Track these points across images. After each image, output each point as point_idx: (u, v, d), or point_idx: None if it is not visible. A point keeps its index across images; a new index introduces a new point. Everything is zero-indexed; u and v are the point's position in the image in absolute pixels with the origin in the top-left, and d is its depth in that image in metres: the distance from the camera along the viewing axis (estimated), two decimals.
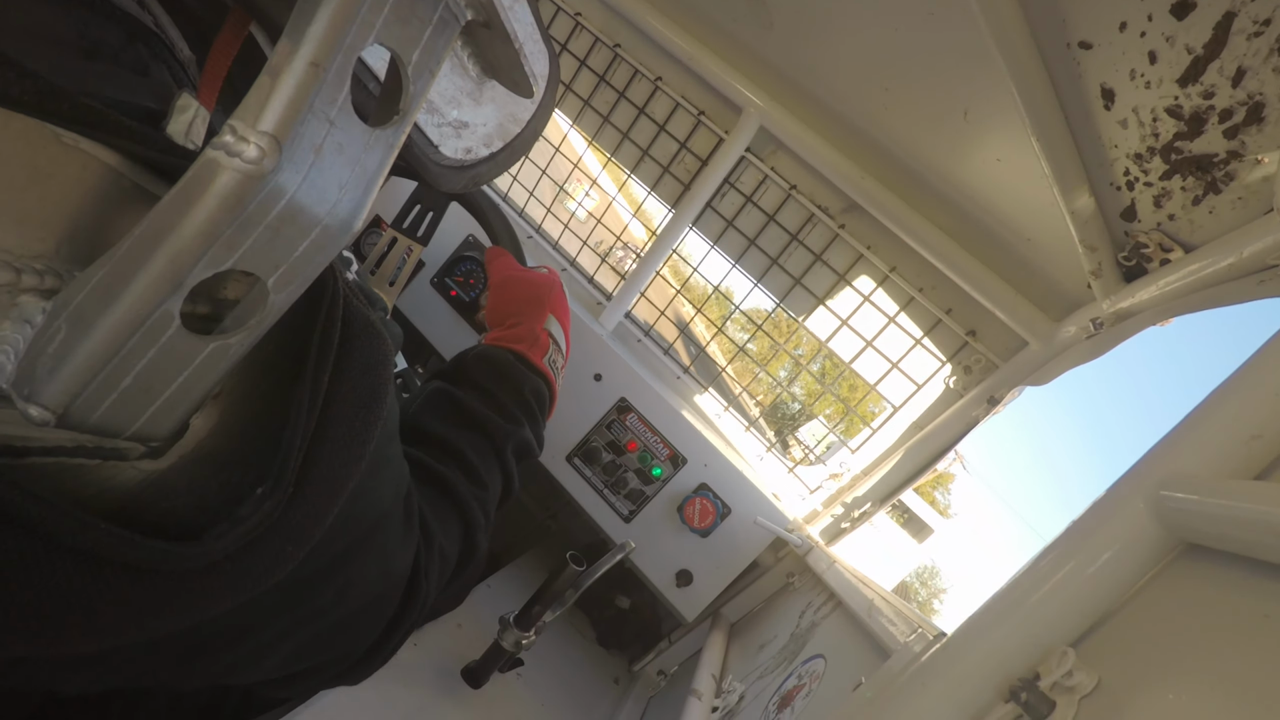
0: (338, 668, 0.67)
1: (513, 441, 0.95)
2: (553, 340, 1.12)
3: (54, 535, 0.33)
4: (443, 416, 0.92)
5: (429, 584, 0.72)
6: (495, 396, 0.97)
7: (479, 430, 0.92)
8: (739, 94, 1.58)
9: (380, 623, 0.67)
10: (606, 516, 1.62)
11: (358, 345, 0.49)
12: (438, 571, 0.75)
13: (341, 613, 0.58)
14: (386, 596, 0.66)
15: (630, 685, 1.67)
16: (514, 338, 1.08)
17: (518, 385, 1.01)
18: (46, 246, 0.34)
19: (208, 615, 0.41)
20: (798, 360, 1.87)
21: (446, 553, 0.78)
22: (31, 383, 0.32)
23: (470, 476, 0.86)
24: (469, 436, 0.90)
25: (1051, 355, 1.36)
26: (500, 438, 0.93)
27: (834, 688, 1.01)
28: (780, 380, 1.95)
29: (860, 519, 1.63)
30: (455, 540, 0.81)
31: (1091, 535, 0.65)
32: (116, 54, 0.43)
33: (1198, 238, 0.98)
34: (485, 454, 0.91)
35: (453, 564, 0.81)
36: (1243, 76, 0.78)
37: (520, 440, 0.97)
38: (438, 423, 0.90)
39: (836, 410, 1.94)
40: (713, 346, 1.85)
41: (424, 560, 0.71)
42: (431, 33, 0.38)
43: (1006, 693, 0.62)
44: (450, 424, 0.91)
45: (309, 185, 0.33)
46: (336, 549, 0.53)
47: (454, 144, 0.53)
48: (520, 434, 0.97)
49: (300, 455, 0.43)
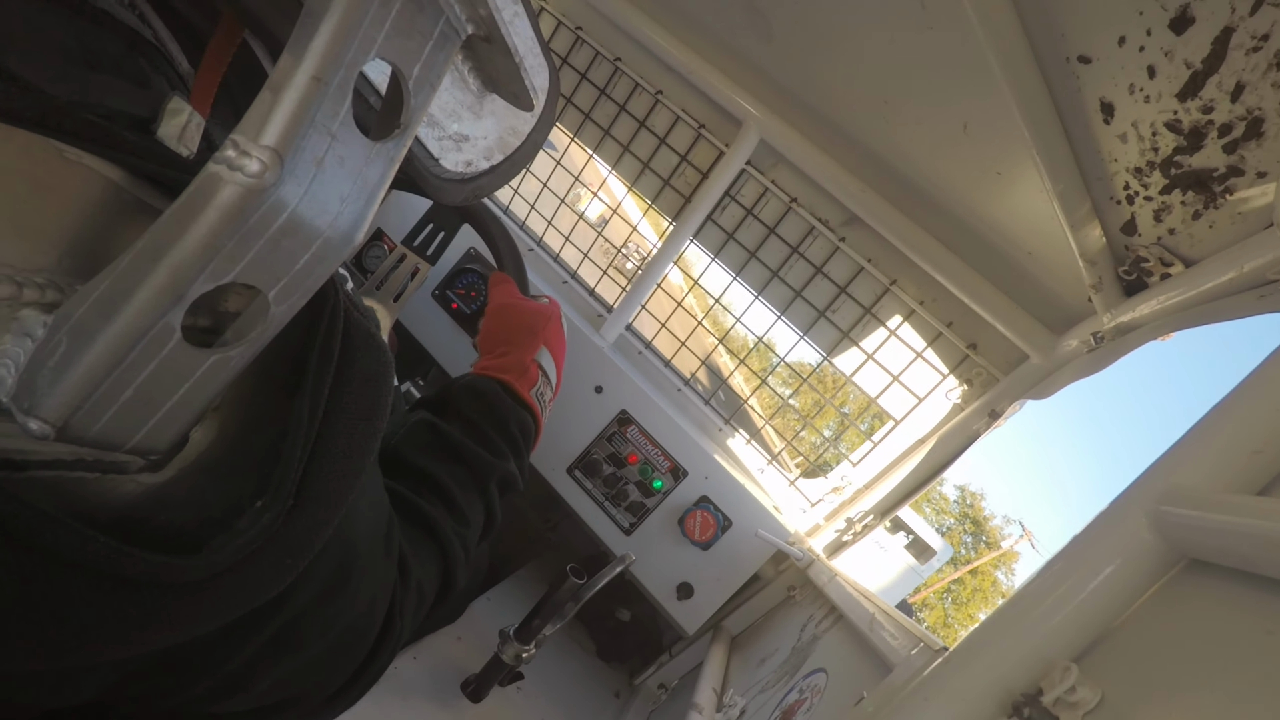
0: (310, 703, 0.65)
1: (497, 476, 0.94)
2: (542, 372, 1.11)
3: (54, 549, 0.33)
4: (426, 448, 0.91)
5: (404, 621, 0.71)
6: (481, 429, 0.97)
7: (463, 464, 0.91)
8: (739, 107, 1.59)
9: (356, 658, 0.66)
10: (607, 529, 1.61)
11: (358, 358, 0.49)
12: (413, 608, 0.74)
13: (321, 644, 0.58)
14: (364, 630, 0.64)
15: (631, 699, 1.66)
16: (502, 368, 1.08)
17: (503, 418, 1.00)
18: (48, 260, 0.34)
19: (208, 628, 0.40)
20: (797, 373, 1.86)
21: (424, 589, 0.77)
22: (32, 396, 0.32)
23: (452, 511, 0.85)
24: (452, 470, 0.89)
25: (1052, 369, 1.36)
26: (484, 472, 0.92)
27: (836, 702, 1.01)
28: (784, 396, 1.95)
29: (862, 532, 1.63)
30: (433, 577, 0.79)
31: (1093, 550, 0.65)
32: (118, 65, 0.43)
33: (1198, 252, 0.98)
34: (468, 488, 0.90)
35: (429, 602, 0.79)
36: (1242, 91, 0.79)
37: (504, 474, 0.96)
38: (421, 455, 0.89)
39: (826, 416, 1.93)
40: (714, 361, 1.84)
41: (400, 596, 0.70)
42: (432, 47, 0.38)
43: (1009, 708, 0.62)
44: (434, 457, 0.90)
45: (310, 198, 0.33)
46: (324, 573, 0.53)
47: (454, 157, 0.53)
48: (505, 468, 0.96)
49: (300, 467, 0.43)
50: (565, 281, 1.92)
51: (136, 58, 0.45)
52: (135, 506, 0.39)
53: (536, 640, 1.26)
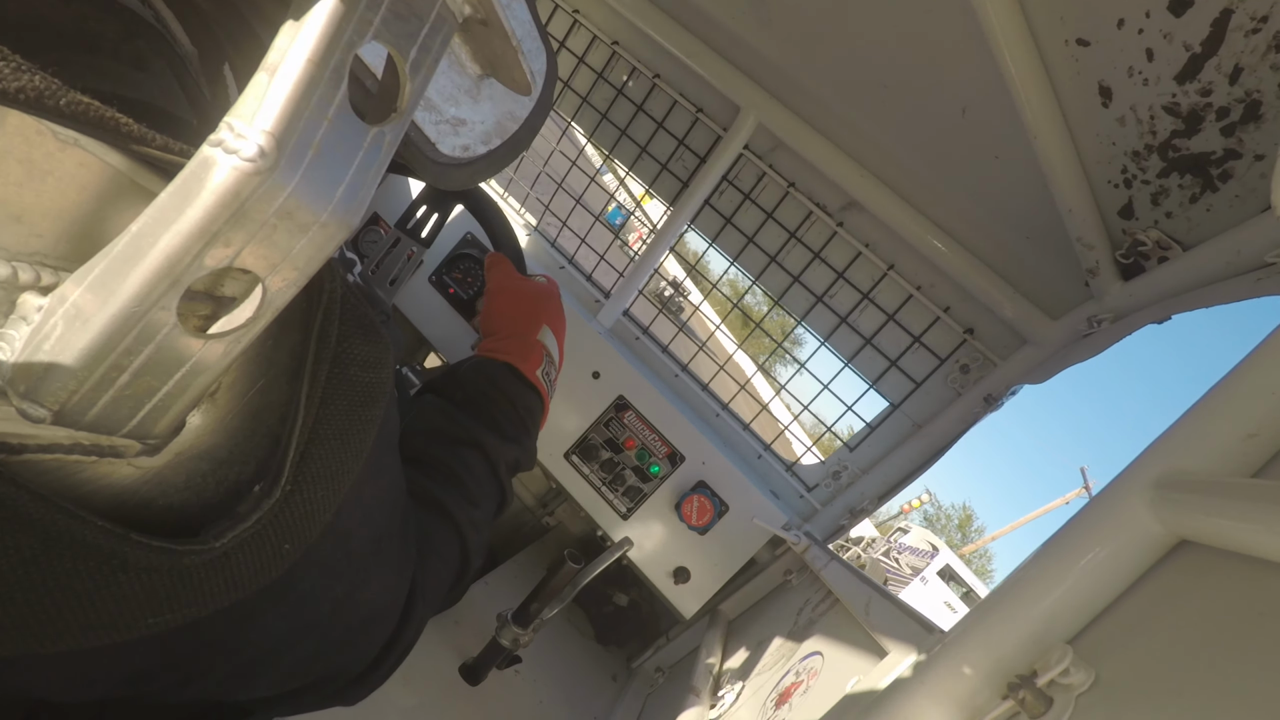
0: (334, 685, 0.67)
1: (507, 458, 0.95)
2: (546, 353, 1.11)
3: (51, 532, 0.33)
4: (437, 433, 0.92)
5: (425, 604, 0.72)
6: (489, 412, 0.97)
7: (475, 448, 0.92)
8: (737, 91, 1.58)
9: (377, 642, 0.67)
10: (604, 514, 1.62)
11: (356, 343, 0.49)
12: (433, 592, 0.75)
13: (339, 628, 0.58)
14: (384, 615, 0.65)
15: (628, 682, 1.67)
16: (506, 349, 1.08)
17: (511, 400, 1.01)
18: (44, 243, 0.34)
19: (205, 612, 0.41)
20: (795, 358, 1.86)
21: (442, 574, 0.78)
22: (28, 380, 0.32)
23: (466, 496, 0.86)
24: (464, 454, 0.90)
25: (1050, 353, 1.36)
26: (495, 455, 0.93)
27: (832, 684, 1.02)
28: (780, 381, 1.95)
29: (857, 516, 1.63)
30: (451, 561, 0.81)
31: (1089, 532, 0.65)
32: (116, 48, 0.43)
33: (1195, 236, 0.98)
34: (481, 472, 0.91)
35: (447, 585, 0.81)
36: (1240, 74, 0.78)
37: (514, 456, 0.97)
38: (432, 440, 0.90)
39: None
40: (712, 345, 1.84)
41: (420, 580, 0.71)
42: (429, 30, 0.38)
43: (1004, 689, 0.62)
44: (445, 440, 0.91)
45: (306, 182, 0.33)
46: (335, 558, 0.53)
47: (451, 141, 0.53)
48: (514, 450, 0.97)
49: (298, 452, 0.44)
50: (563, 267, 1.91)
51: (135, 40, 0.44)
52: (133, 491, 0.39)
53: (534, 624, 1.27)
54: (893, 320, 1.61)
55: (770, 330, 1.98)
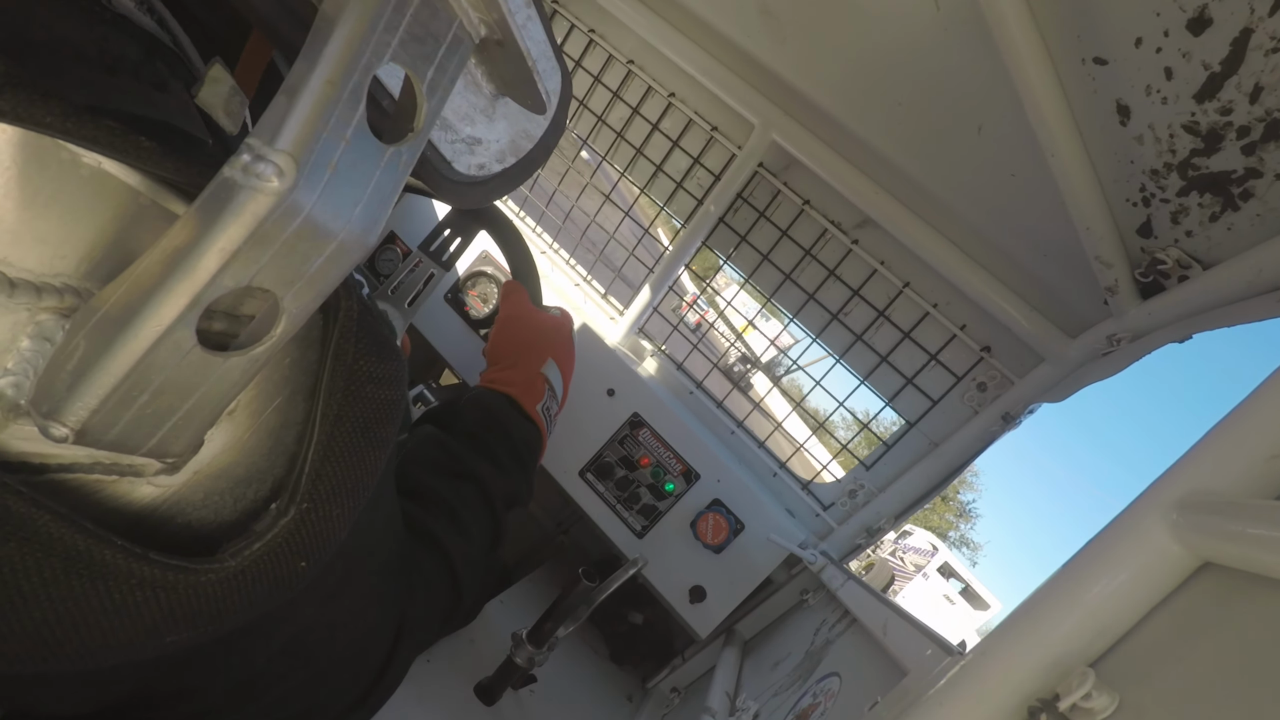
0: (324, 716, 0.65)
1: (504, 492, 0.94)
2: (549, 386, 1.11)
3: (72, 552, 0.33)
4: (434, 465, 0.91)
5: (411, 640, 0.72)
6: (488, 445, 0.97)
7: (470, 481, 0.91)
8: (752, 109, 1.58)
9: (369, 672, 0.66)
10: (619, 532, 1.61)
11: (371, 361, 0.49)
12: (424, 625, 0.74)
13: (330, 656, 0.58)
14: (376, 644, 0.65)
15: (643, 702, 1.66)
16: (508, 381, 1.08)
17: (510, 434, 1.00)
18: (67, 265, 0.34)
19: (224, 630, 0.41)
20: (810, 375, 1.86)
21: (431, 609, 0.77)
22: (50, 400, 0.32)
23: (459, 529, 0.86)
24: (460, 488, 0.90)
25: (1067, 372, 1.35)
26: (492, 489, 0.92)
27: (849, 706, 1.00)
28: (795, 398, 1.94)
29: (874, 535, 1.62)
30: (440, 597, 0.80)
31: (1110, 554, 0.64)
32: (137, 69, 0.43)
33: (1216, 254, 0.97)
34: (476, 506, 0.90)
35: (436, 621, 0.80)
36: (1260, 93, 0.78)
37: (511, 491, 0.96)
38: (429, 472, 0.89)
39: None
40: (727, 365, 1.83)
41: (409, 614, 0.71)
42: (445, 51, 0.38)
43: (1025, 713, 0.61)
44: (441, 473, 0.90)
45: (325, 202, 0.33)
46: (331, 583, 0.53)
47: (467, 160, 0.53)
48: (511, 484, 0.96)
49: (313, 468, 0.44)
50: (577, 284, 1.92)
51: (155, 62, 0.45)
52: (152, 509, 0.39)
53: (549, 643, 1.26)
54: (909, 338, 1.60)
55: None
